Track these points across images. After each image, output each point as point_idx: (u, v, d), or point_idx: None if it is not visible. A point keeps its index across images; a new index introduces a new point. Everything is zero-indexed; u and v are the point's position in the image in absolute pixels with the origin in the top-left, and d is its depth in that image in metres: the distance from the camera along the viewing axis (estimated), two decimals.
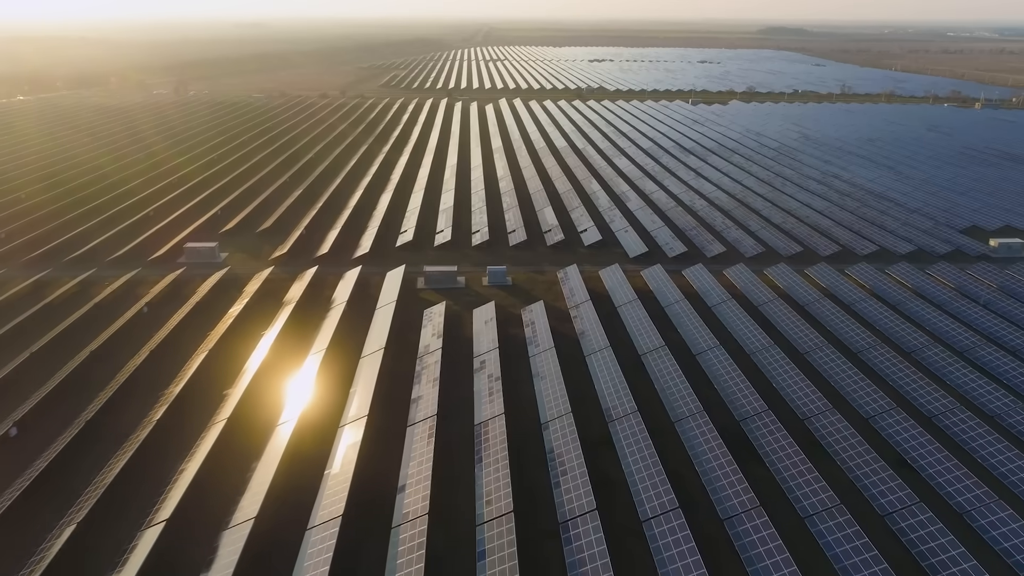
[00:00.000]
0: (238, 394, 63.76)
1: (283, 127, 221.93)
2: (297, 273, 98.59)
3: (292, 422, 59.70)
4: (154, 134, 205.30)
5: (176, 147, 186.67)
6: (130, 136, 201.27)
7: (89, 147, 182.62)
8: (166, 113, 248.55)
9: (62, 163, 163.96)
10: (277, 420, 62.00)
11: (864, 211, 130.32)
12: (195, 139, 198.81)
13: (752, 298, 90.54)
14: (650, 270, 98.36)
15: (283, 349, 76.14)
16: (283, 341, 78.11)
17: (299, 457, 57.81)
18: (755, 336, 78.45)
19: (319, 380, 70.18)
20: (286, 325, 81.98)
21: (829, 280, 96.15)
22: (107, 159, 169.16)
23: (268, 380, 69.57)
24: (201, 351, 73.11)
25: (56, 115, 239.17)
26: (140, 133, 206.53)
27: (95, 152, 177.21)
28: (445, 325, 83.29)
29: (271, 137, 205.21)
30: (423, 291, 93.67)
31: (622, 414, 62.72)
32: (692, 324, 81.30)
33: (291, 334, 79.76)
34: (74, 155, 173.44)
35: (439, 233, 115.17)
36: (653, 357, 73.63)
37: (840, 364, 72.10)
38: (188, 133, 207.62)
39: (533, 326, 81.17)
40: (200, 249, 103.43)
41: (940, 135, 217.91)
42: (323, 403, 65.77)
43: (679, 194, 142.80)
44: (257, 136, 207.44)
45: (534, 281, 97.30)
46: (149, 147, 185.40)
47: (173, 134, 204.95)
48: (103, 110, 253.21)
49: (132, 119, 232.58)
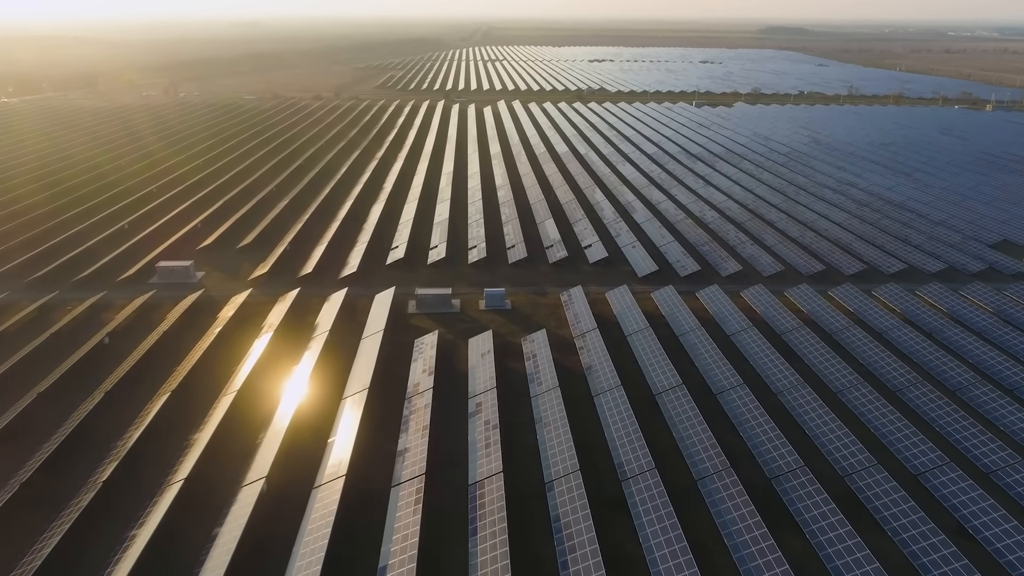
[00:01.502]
0: (200, 447, 55.91)
1: (273, 131, 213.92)
2: (278, 295, 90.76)
3: (260, 482, 51.89)
4: (136, 139, 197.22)
5: (157, 154, 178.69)
6: (109, 141, 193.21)
7: (63, 152, 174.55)
8: (152, 116, 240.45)
9: (28, 171, 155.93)
10: (243, 480, 54.13)
11: (885, 223, 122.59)
12: (178, 145, 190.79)
13: (774, 325, 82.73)
14: (661, 292, 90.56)
15: (256, 389, 68.27)
16: (256, 380, 70.23)
17: (265, 528, 49.97)
18: (781, 372, 70.66)
19: (295, 428, 62.31)
20: (261, 359, 74.08)
21: (856, 304, 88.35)
22: (80, 167, 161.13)
23: (238, 428, 61.70)
24: (163, 392, 65.24)
25: (36, 118, 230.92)
26: (121, 138, 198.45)
27: (68, 158, 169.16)
28: (438, 357, 75.46)
29: (259, 143, 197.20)
30: (414, 316, 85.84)
31: (637, 471, 54.92)
32: (710, 356, 73.50)
33: (266, 370, 71.89)
34: (45, 162, 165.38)
35: (433, 249, 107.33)
36: (669, 398, 65.85)
37: (879, 407, 64.32)
38: (172, 138, 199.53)
39: (535, 359, 73.36)
40: (174, 268, 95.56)
41: (954, 139, 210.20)
42: (299, 458, 57.90)
43: (688, 204, 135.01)
44: (245, 141, 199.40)
45: (535, 304, 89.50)
46: (128, 153, 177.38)
47: (156, 139, 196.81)
48: (86, 112, 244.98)
49: (115, 122, 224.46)
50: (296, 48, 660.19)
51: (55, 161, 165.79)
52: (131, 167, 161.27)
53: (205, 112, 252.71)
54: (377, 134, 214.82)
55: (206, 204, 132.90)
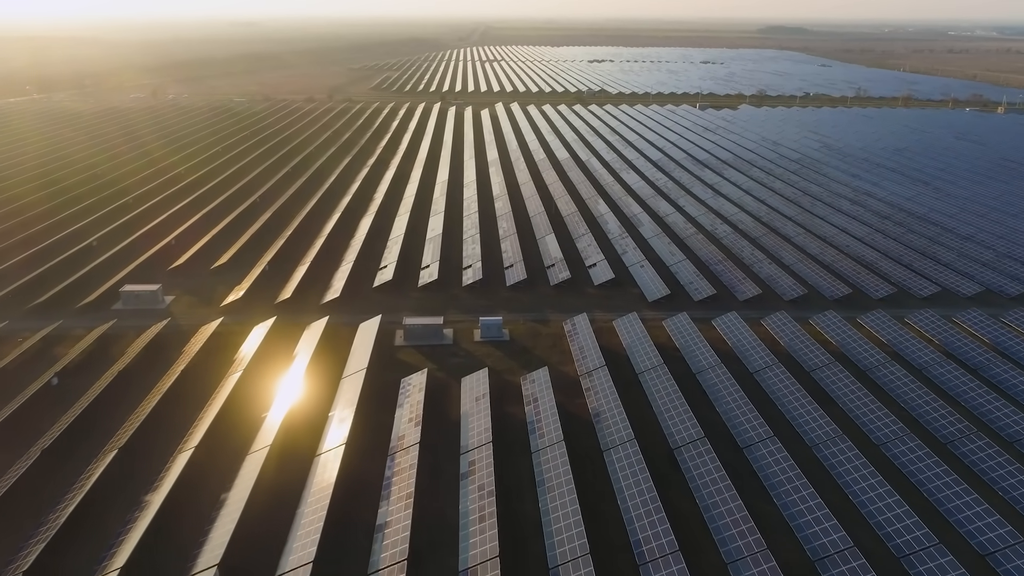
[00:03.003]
0: (144, 523, 47.58)
1: (260, 136, 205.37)
2: (253, 323, 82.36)
3: (212, 570, 43.60)
4: (114, 145, 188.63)
5: (135, 162, 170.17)
6: (86, 147, 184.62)
7: (30, 161, 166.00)
8: (135, 119, 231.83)
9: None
10: (195, 567, 45.74)
11: (911, 239, 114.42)
12: (159, 152, 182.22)
13: (802, 360, 74.45)
14: (675, 320, 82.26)
15: (217, 445, 59.90)
16: (218, 434, 61.84)
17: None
18: (814, 419, 62.39)
19: (258, 496, 53.92)
20: (227, 406, 65.68)
21: (890, 334, 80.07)
22: (47, 177, 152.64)
23: (191, 496, 53.33)
24: (111, 448, 56.87)
25: (11, 121, 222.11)
26: (99, 144, 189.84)
27: (35, 167, 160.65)
28: (426, 401, 67.13)
29: (245, 149, 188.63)
30: (402, 349, 77.49)
31: (658, 553, 46.65)
32: (733, 400, 65.21)
33: (230, 421, 63.52)
34: (6, 173, 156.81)
35: (424, 269, 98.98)
36: (690, 453, 57.56)
37: (931, 465, 56.06)
38: (153, 144, 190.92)
39: (536, 404, 65.05)
40: (139, 293, 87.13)
41: (971, 144, 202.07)
42: (260, 533, 49.56)
43: (698, 217, 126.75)
44: (230, 148, 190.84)
45: (536, 334, 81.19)
46: (103, 161, 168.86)
47: (136, 146, 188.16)
48: (67, 116, 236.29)
49: (96, 126, 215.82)
50: (292, 48, 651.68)
51: (17, 172, 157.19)
52: (104, 177, 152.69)
53: (192, 115, 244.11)
54: (369, 139, 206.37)
55: (182, 218, 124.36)
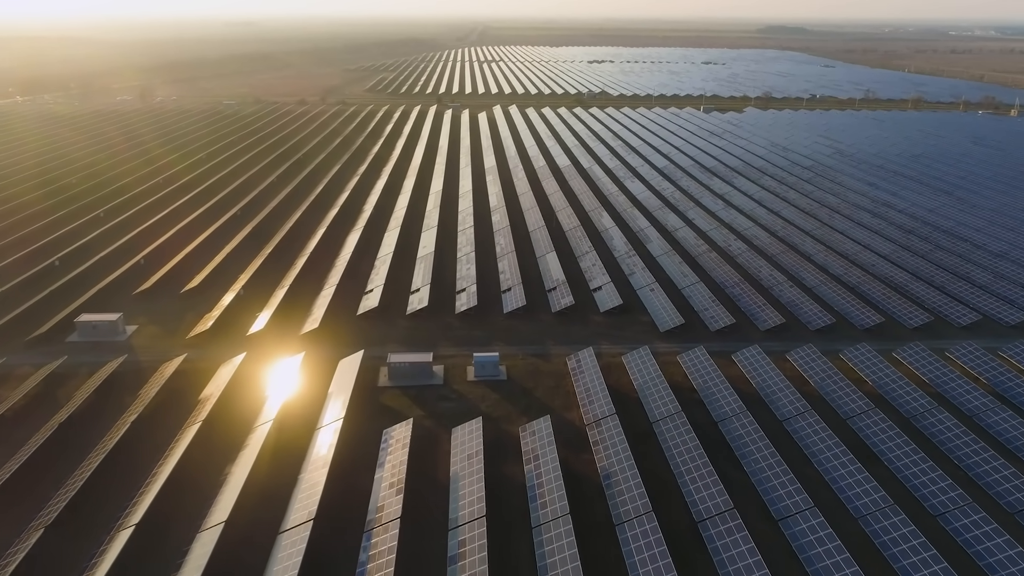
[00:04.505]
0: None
1: (247, 142, 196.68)
2: (219, 361, 73.82)
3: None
4: (91, 152, 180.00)
5: (112, 170, 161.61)
6: (62, 154, 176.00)
7: None
8: (118, 124, 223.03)
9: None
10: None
11: (940, 256, 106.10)
12: (139, 159, 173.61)
13: (837, 405, 66.01)
14: (691, 356, 73.81)
15: (164, 519, 51.35)
16: (167, 503, 53.30)
17: None
18: (859, 484, 53.96)
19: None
20: (180, 467, 57.11)
21: (932, 373, 71.62)
22: (15, 188, 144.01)
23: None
24: (39, 524, 48.33)
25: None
26: (76, 151, 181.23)
27: (2, 177, 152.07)
28: (411, 459, 58.63)
29: (229, 156, 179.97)
30: (386, 390, 69.03)
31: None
32: (763, 458, 56.78)
33: (182, 488, 55.01)
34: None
35: (414, 293, 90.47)
36: (717, 529, 49.10)
37: (1003, 547, 47.61)
38: (132, 151, 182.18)
39: (537, 463, 56.59)
40: (97, 324, 78.57)
41: (990, 150, 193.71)
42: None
43: (709, 231, 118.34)
44: (214, 155, 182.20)
45: (536, 372, 72.73)
46: (80, 169, 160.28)
47: (113, 153, 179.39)
48: (46, 119, 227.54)
49: (75, 131, 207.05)
50: (287, 49, 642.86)
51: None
52: (79, 187, 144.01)
53: (178, 119, 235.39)
54: (361, 146, 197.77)
55: (154, 235, 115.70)
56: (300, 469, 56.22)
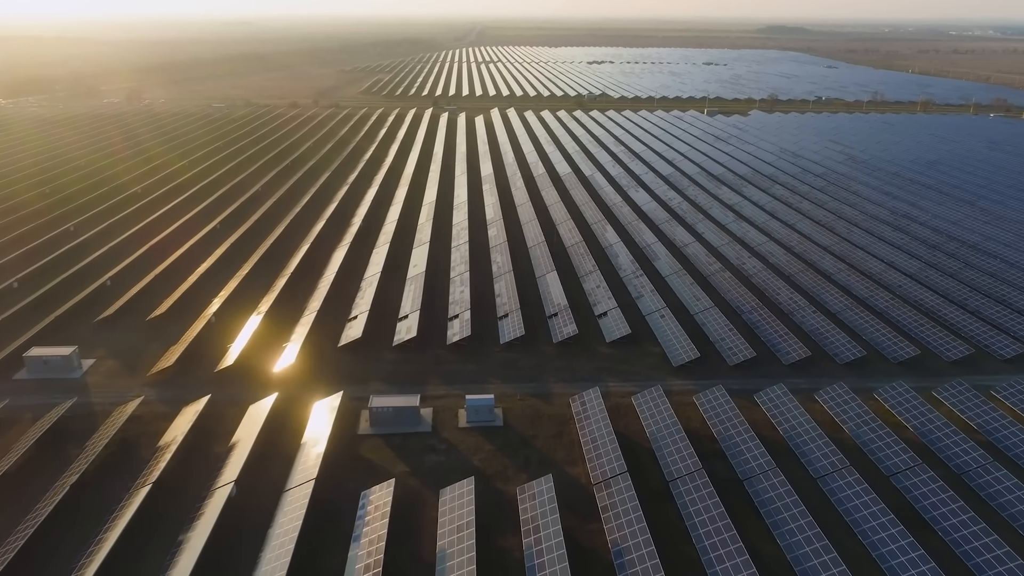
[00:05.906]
0: None
1: (233, 148, 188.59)
2: (181, 404, 65.92)
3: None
4: (66, 160, 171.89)
5: (85, 180, 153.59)
6: (32, 161, 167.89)
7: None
8: (102, 128, 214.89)
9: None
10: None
11: (970, 275, 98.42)
12: (117, 167, 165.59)
13: (877, 457, 58.21)
14: (709, 397, 66.02)
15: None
16: (118, 562, 45.49)
17: None
18: (912, 563, 46.22)
19: None
20: (125, 537, 49.20)
21: (980, 417, 63.83)
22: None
23: None
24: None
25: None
26: (49, 159, 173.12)
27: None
28: (391, 531, 50.77)
29: (214, 163, 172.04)
30: (367, 439, 61.21)
31: None
32: (799, 529, 49.02)
33: (129, 557, 47.11)
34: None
35: (402, 320, 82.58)
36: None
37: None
38: (111, 159, 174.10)
39: (537, 535, 48.76)
40: (48, 359, 70.74)
41: (1007, 155, 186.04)
42: None
43: (720, 247, 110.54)
44: (198, 162, 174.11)
45: (536, 415, 64.92)
46: (54, 178, 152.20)
47: (91, 160, 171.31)
48: (26, 123, 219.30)
49: (53, 136, 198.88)
50: (282, 49, 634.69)
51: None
52: (49, 198, 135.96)
53: (163, 123, 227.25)
54: (352, 152, 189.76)
55: (125, 252, 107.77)
56: (262, 545, 48.38)
